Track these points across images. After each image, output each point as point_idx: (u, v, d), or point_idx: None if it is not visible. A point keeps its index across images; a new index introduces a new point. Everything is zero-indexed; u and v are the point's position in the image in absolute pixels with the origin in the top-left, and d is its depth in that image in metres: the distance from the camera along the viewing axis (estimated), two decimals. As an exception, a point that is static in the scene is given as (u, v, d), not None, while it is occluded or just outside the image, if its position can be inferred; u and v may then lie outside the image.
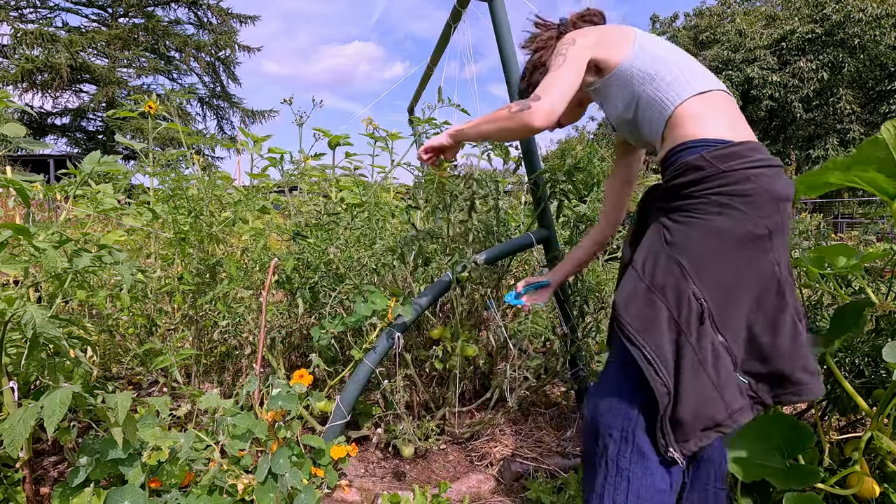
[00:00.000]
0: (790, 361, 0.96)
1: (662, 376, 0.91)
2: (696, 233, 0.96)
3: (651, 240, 1.03)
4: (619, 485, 0.94)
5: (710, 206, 0.95)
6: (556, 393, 2.26)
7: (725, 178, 0.94)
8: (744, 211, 0.93)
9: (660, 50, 1.14)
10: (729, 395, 0.94)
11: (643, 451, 0.94)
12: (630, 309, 0.97)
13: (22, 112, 16.88)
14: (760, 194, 0.94)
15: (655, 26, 21.67)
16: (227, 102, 23.04)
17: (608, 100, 1.20)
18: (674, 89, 1.07)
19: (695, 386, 0.91)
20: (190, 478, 1.26)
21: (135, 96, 1.94)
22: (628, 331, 0.95)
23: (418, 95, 3.02)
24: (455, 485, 1.57)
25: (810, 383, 0.96)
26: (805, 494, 1.08)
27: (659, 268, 0.97)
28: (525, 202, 2.55)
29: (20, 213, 2.29)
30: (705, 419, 0.92)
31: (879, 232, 4.27)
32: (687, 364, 0.92)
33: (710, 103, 1.06)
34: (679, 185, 1.00)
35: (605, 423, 0.98)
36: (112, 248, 1.32)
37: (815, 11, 16.17)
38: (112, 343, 1.97)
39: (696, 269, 0.94)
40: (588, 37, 1.18)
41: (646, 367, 0.92)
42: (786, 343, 0.96)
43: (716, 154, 0.96)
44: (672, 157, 1.04)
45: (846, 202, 16.40)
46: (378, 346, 1.53)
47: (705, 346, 0.92)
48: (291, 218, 2.01)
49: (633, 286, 0.99)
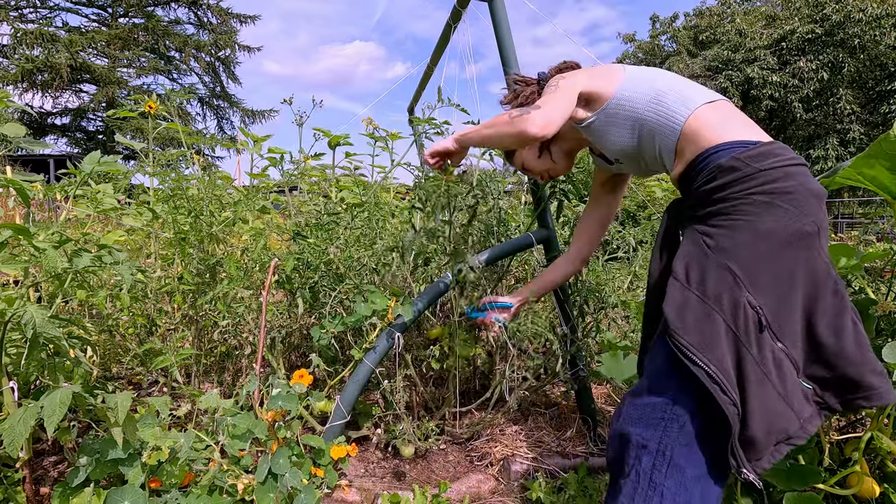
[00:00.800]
0: (858, 365, 0.90)
1: (730, 395, 0.86)
2: (743, 236, 0.91)
3: (689, 248, 0.98)
4: (650, 499, 0.89)
5: (753, 206, 0.91)
6: (556, 393, 2.26)
7: (764, 177, 0.91)
8: (789, 209, 0.90)
9: (653, 74, 1.14)
10: (797, 404, 0.89)
11: (680, 467, 0.89)
12: (685, 322, 0.90)
13: (22, 112, 16.88)
14: (801, 191, 0.91)
15: (655, 26, 21.67)
16: (227, 102, 23.05)
17: (609, 132, 1.18)
18: (680, 104, 1.06)
19: (762, 400, 0.86)
20: (190, 478, 1.26)
21: (135, 96, 1.94)
22: (686, 348, 0.88)
23: (418, 95, 3.02)
24: (455, 485, 1.57)
25: (881, 387, 0.91)
26: (805, 494, 1.09)
27: (709, 276, 0.92)
28: (525, 202, 2.55)
29: (20, 212, 2.29)
30: (778, 433, 0.88)
31: (879, 232, 4.27)
32: (751, 378, 0.87)
33: (720, 111, 1.05)
34: (713, 188, 0.96)
35: (638, 434, 0.93)
36: (112, 248, 1.32)
37: (815, 11, 16.17)
38: (112, 343, 1.97)
39: (749, 274, 0.89)
40: (576, 76, 1.18)
41: (711, 385, 0.86)
42: (851, 346, 0.91)
43: (749, 154, 0.94)
44: (700, 164, 1.01)
45: (846, 202, 16.40)
46: (378, 346, 1.53)
47: (767, 357, 0.88)
48: (291, 218, 2.01)
49: (682, 297, 0.93)
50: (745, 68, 16.66)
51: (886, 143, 1.10)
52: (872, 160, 1.14)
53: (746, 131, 1.01)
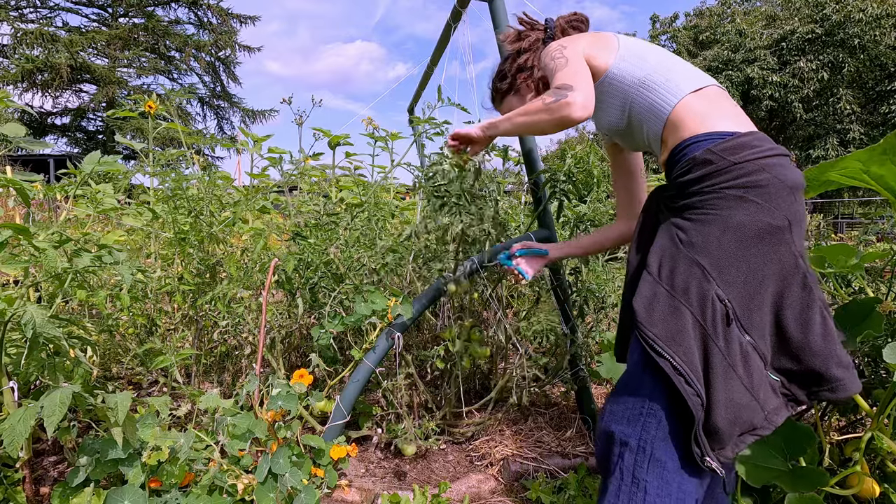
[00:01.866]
0: (824, 358, 0.92)
1: (694, 385, 0.87)
2: (714, 230, 0.92)
3: (663, 241, 0.99)
4: (634, 495, 0.90)
5: (725, 200, 0.92)
6: (556, 393, 2.26)
7: (737, 171, 0.92)
8: (760, 203, 0.90)
9: (645, 52, 1.12)
10: (763, 395, 0.90)
11: (661, 461, 0.90)
12: (652, 316, 0.92)
13: (22, 112, 16.89)
14: (775, 184, 0.91)
15: (655, 26, 21.67)
16: (227, 102, 23.04)
17: (600, 108, 1.18)
18: (668, 90, 1.06)
19: (727, 391, 0.87)
20: (190, 478, 1.26)
21: (135, 96, 1.94)
22: (652, 340, 0.90)
23: (418, 95, 3.02)
24: (455, 485, 1.57)
25: (846, 379, 0.92)
26: (806, 495, 1.08)
27: (678, 270, 0.93)
28: (525, 202, 2.55)
29: (20, 212, 2.29)
30: (742, 424, 0.89)
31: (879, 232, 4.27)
32: (717, 369, 0.88)
33: (706, 98, 1.04)
34: (688, 181, 0.97)
35: (620, 431, 0.94)
36: (112, 248, 1.31)
37: (815, 11, 16.18)
38: (112, 343, 1.96)
39: (718, 268, 0.90)
40: (578, 43, 1.15)
41: (675, 377, 0.87)
42: (818, 339, 0.92)
43: (724, 147, 0.94)
44: (678, 155, 1.02)
45: (846, 202, 16.40)
46: (378, 346, 1.53)
47: (734, 349, 0.89)
48: (291, 218, 2.01)
49: (651, 291, 0.95)
50: (745, 68, 16.66)
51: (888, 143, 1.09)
52: (885, 157, 1.11)
53: (727, 121, 1.00)
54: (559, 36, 1.28)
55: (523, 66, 1.33)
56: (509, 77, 1.35)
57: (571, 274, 1.87)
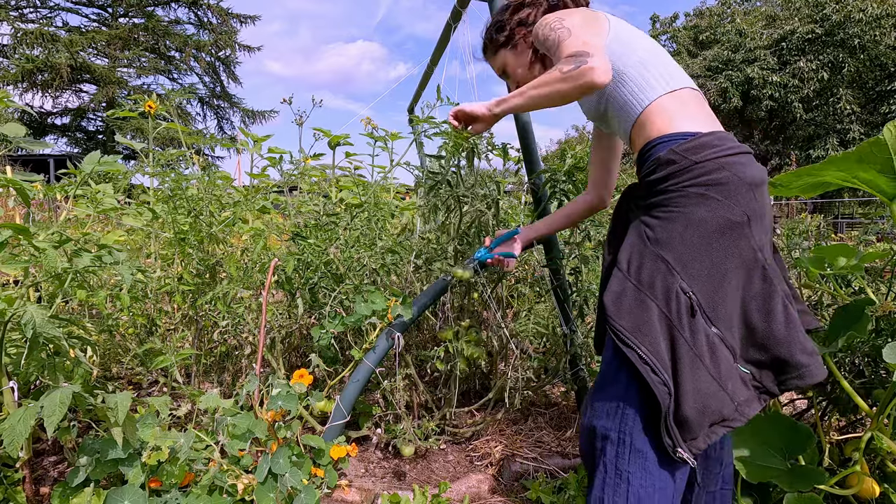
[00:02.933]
0: (788, 346, 0.94)
1: (661, 374, 0.90)
2: (677, 226, 0.95)
3: (633, 238, 1.02)
4: (618, 487, 0.92)
5: (687, 198, 0.95)
6: (556, 393, 2.26)
7: (699, 170, 0.95)
8: (720, 200, 0.93)
9: (632, 41, 1.11)
10: (732, 387, 0.92)
11: (641, 452, 0.92)
12: (619, 309, 0.96)
13: (22, 112, 16.88)
14: (734, 181, 0.94)
15: (655, 26, 21.67)
16: (227, 102, 23.05)
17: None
18: (642, 91, 1.07)
19: (694, 381, 0.90)
20: (190, 478, 1.26)
21: (135, 96, 1.94)
22: (620, 332, 0.93)
23: (418, 95, 3.02)
24: (455, 485, 1.57)
25: (811, 365, 0.95)
26: (806, 495, 1.09)
27: (645, 266, 0.96)
28: (525, 202, 2.55)
29: (20, 212, 2.29)
30: (711, 414, 0.91)
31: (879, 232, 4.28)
32: (684, 360, 0.90)
33: (678, 100, 1.06)
34: (654, 181, 1.00)
35: (601, 426, 0.97)
36: (112, 248, 1.32)
37: (815, 11, 16.17)
38: (112, 343, 1.96)
39: (682, 262, 0.93)
40: (574, 17, 1.13)
41: (642, 366, 0.90)
42: (780, 328, 0.95)
43: (686, 147, 0.97)
44: (645, 155, 1.05)
45: (846, 202, 16.40)
46: (378, 346, 1.53)
47: (700, 340, 0.92)
48: (291, 218, 2.01)
49: (620, 286, 0.98)
50: (745, 68, 16.66)
51: (877, 146, 1.10)
52: (865, 164, 1.13)
53: (691, 122, 1.03)
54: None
55: (525, 20, 1.28)
56: (507, 29, 1.30)
57: (571, 274, 1.87)
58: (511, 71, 1.35)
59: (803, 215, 4.98)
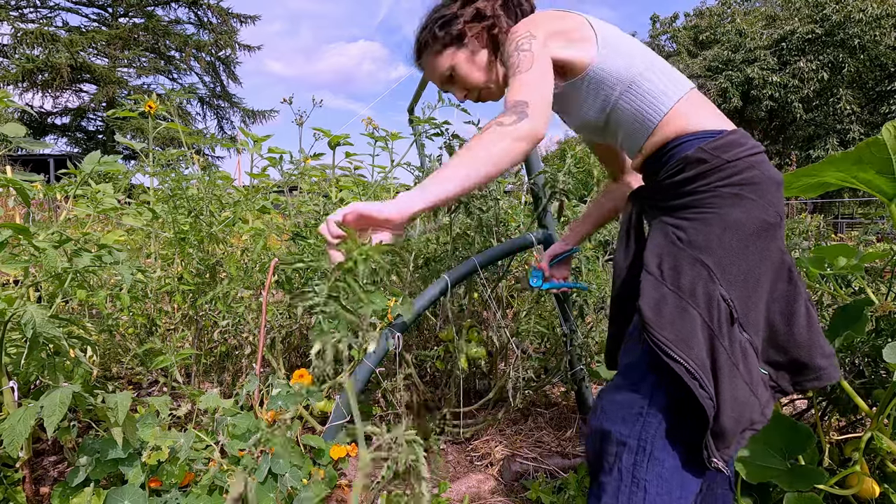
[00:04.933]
0: (808, 349, 0.94)
1: (708, 389, 0.86)
2: (714, 228, 0.91)
3: (659, 240, 0.97)
4: (635, 494, 0.90)
5: (722, 198, 0.92)
6: (556, 393, 2.26)
7: (731, 169, 0.92)
8: (755, 200, 0.91)
9: (626, 47, 1.04)
10: (760, 391, 0.91)
11: (659, 459, 0.90)
12: (661, 319, 0.90)
13: (22, 112, 16.88)
14: (765, 181, 0.92)
15: (655, 26, 21.67)
16: (227, 102, 23.05)
17: (572, 104, 1.10)
18: (657, 98, 1.01)
19: (732, 390, 0.88)
20: (190, 478, 1.26)
21: (135, 96, 1.94)
22: (663, 344, 0.88)
23: (418, 95, 3.01)
24: (455, 485, 1.57)
25: (828, 368, 0.94)
26: (806, 495, 1.09)
27: (683, 271, 0.92)
28: (525, 202, 2.55)
29: (20, 212, 2.29)
30: (745, 422, 0.89)
31: (879, 232, 4.28)
32: (724, 370, 0.88)
33: (690, 101, 1.03)
34: (681, 181, 0.96)
35: (618, 431, 0.93)
36: (112, 248, 1.32)
37: (815, 12, 16.17)
38: (112, 343, 1.97)
39: (721, 267, 0.90)
40: (545, 27, 1.01)
41: (690, 380, 0.86)
42: (802, 331, 0.94)
43: (715, 145, 0.94)
44: (665, 155, 1.00)
45: (846, 202, 16.40)
46: (378, 345, 1.53)
47: (736, 348, 0.89)
48: (291, 218, 2.01)
49: (657, 292, 0.92)
50: (745, 68, 16.65)
51: (875, 146, 1.10)
52: (864, 165, 1.14)
53: (713, 119, 1.00)
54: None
55: (482, 12, 1.10)
56: (459, 23, 1.10)
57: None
58: (461, 75, 1.14)
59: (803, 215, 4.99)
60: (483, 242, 1.83)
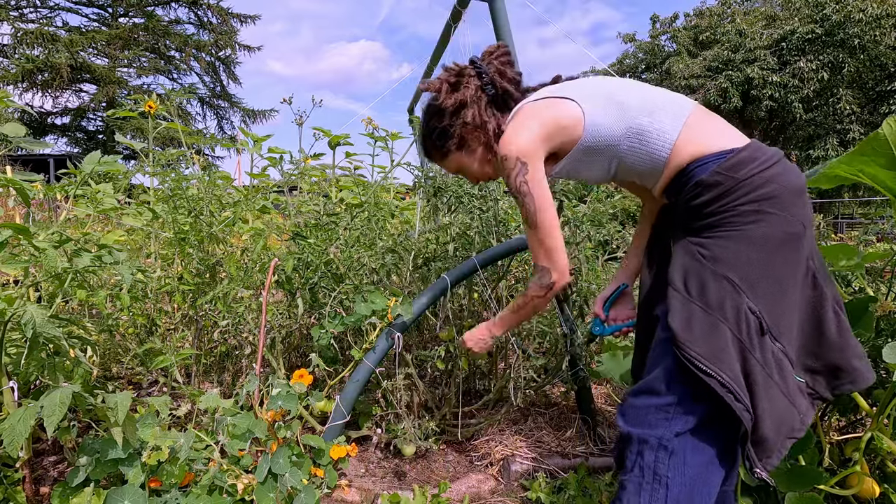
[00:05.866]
0: (841, 352, 0.95)
1: (743, 401, 0.89)
2: (738, 245, 0.93)
3: (685, 260, 0.99)
4: (656, 491, 0.92)
5: (743, 216, 0.93)
6: (556, 393, 2.26)
7: (746, 187, 0.93)
8: (777, 213, 0.92)
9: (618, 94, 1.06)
10: (798, 400, 0.93)
11: (683, 460, 0.92)
12: (692, 335, 0.92)
13: (22, 112, 16.88)
14: (784, 193, 0.93)
15: (656, 26, 21.67)
16: (227, 102, 23.04)
17: (580, 172, 1.13)
18: (658, 137, 1.02)
19: (769, 400, 0.90)
20: (190, 478, 1.26)
21: (135, 96, 1.94)
22: (696, 359, 0.90)
23: (418, 95, 3.02)
24: (455, 485, 1.57)
25: (862, 369, 0.96)
26: (806, 495, 1.09)
27: (708, 287, 0.94)
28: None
29: (20, 212, 2.29)
30: (785, 430, 0.91)
31: (879, 232, 4.28)
32: (758, 381, 0.90)
33: (693, 127, 1.03)
34: (700, 204, 0.98)
35: (640, 432, 0.96)
36: (112, 248, 1.32)
37: (815, 12, 16.16)
38: (112, 343, 1.96)
39: (747, 281, 0.92)
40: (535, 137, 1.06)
41: (725, 394, 0.88)
42: (833, 335, 0.95)
43: (728, 165, 0.95)
44: (682, 181, 1.02)
45: (846, 202, 16.40)
46: (378, 346, 1.53)
47: (769, 358, 0.91)
48: (291, 218, 2.01)
49: (685, 309, 0.95)
50: (745, 68, 16.64)
51: (876, 142, 1.11)
52: (867, 158, 1.15)
53: (723, 139, 1.00)
54: (497, 80, 1.18)
55: (472, 122, 1.19)
56: (456, 136, 1.22)
57: (571, 274, 1.87)
58: (468, 171, 1.29)
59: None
60: (483, 242, 1.83)
